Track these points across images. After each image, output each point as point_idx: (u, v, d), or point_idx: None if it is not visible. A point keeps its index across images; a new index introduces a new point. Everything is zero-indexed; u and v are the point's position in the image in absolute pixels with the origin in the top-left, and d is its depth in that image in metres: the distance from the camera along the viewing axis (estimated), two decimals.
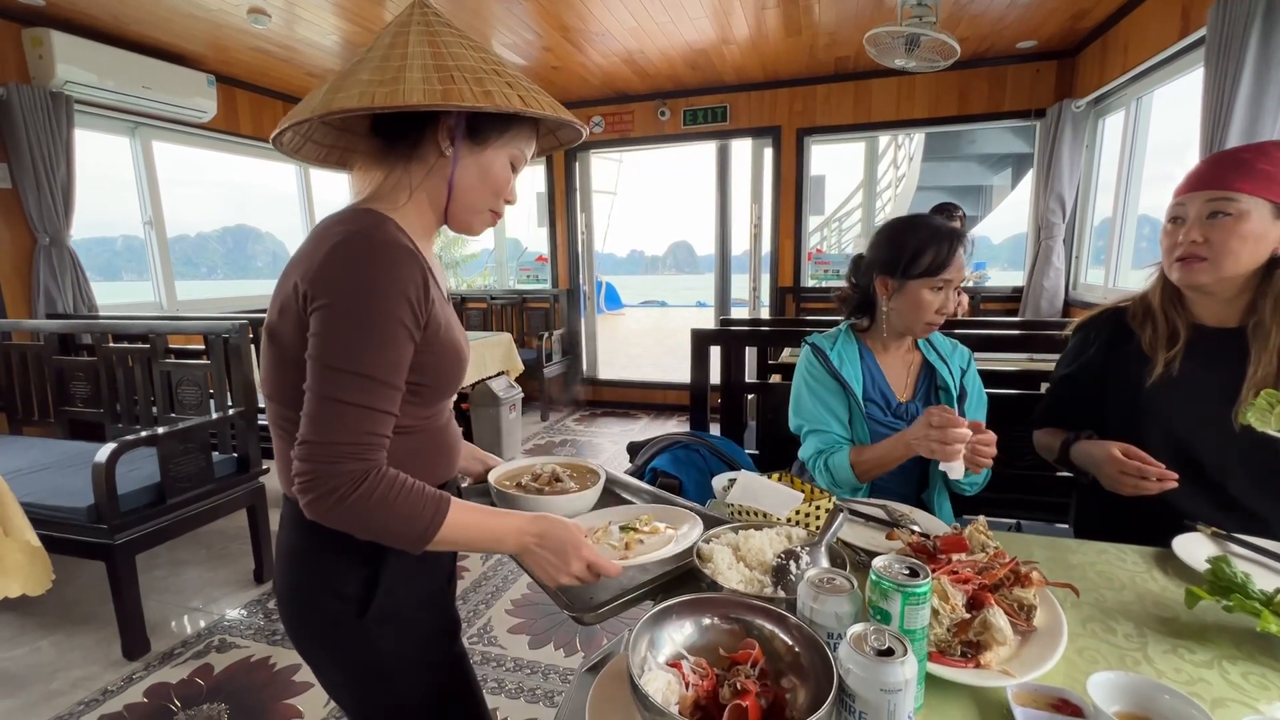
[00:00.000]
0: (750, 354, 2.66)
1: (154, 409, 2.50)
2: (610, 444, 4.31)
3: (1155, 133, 3.24)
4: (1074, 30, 3.52)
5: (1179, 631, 0.78)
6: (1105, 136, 3.74)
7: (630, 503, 1.12)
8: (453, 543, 0.76)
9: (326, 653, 0.86)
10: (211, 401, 2.38)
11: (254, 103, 4.21)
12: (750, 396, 2.01)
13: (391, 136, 0.81)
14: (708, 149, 5.07)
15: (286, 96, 4.44)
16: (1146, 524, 1.07)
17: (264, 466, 2.41)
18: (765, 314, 4.84)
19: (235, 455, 2.32)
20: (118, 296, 3.26)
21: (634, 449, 1.72)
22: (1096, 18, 3.31)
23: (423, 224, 0.83)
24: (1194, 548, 0.95)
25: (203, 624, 2.15)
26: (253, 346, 2.50)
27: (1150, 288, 1.22)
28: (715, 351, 1.93)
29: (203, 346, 2.60)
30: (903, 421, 1.31)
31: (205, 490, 2.16)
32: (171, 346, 2.84)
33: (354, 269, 0.70)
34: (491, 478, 1.10)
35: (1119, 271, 3.45)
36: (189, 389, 2.42)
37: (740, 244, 5.13)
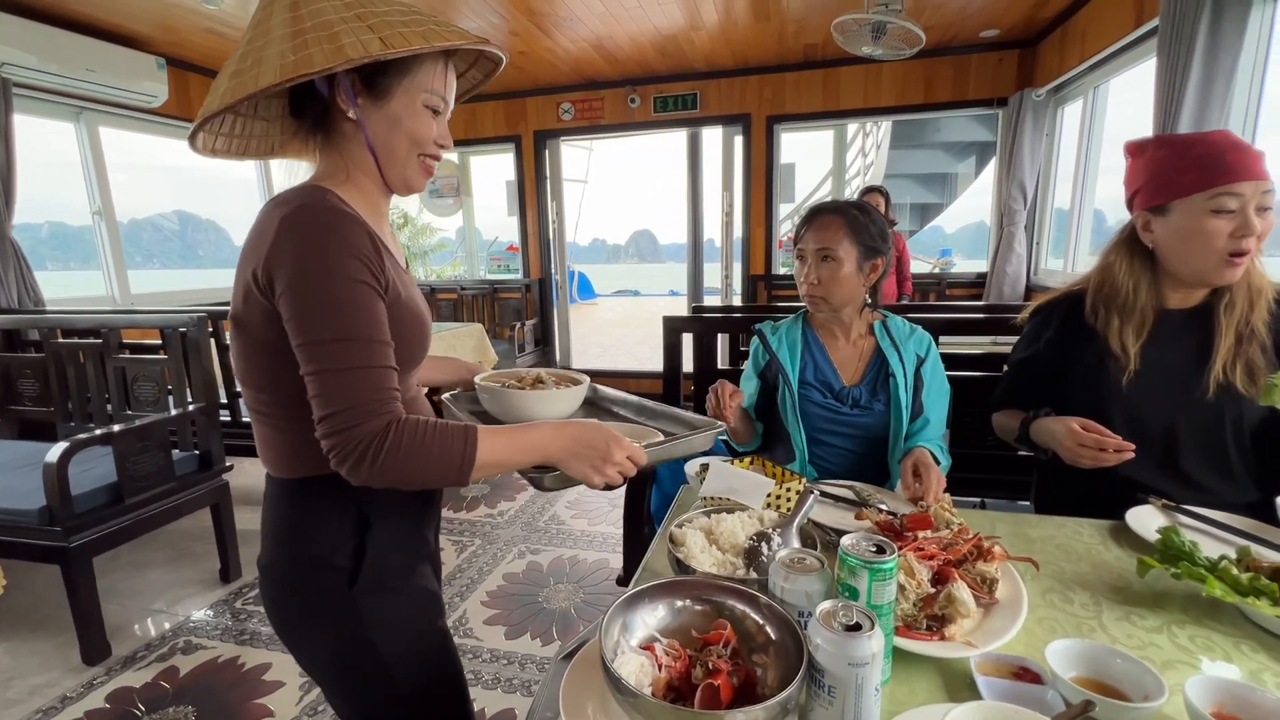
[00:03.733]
0: (723, 341, 2.68)
1: (109, 406, 2.41)
2: None
3: (1111, 122, 3.34)
4: (1035, 19, 3.59)
5: (1132, 599, 0.82)
6: (1064, 125, 3.83)
7: (617, 417, 1.13)
8: (494, 465, 0.75)
9: (316, 627, 0.83)
10: (170, 397, 2.30)
11: (209, 87, 4.05)
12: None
13: (302, 115, 0.79)
14: (676, 137, 5.05)
15: None
16: (1103, 498, 1.11)
17: (228, 463, 2.34)
18: (738, 301, 4.86)
19: (197, 452, 2.26)
20: (50, 289, 3.11)
21: None
22: (1056, 7, 3.38)
23: (367, 198, 0.81)
24: (1145, 519, 0.99)
25: (167, 626, 2.09)
26: (212, 340, 2.42)
27: (1115, 273, 1.19)
28: (688, 339, 1.94)
29: (159, 340, 2.51)
30: (843, 405, 1.35)
31: (165, 489, 2.09)
32: (126, 341, 2.73)
33: (304, 243, 0.69)
34: (477, 380, 1.08)
35: (1077, 258, 3.55)
36: (146, 385, 2.33)
37: (712, 232, 5.14)
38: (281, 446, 0.80)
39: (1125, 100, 3.24)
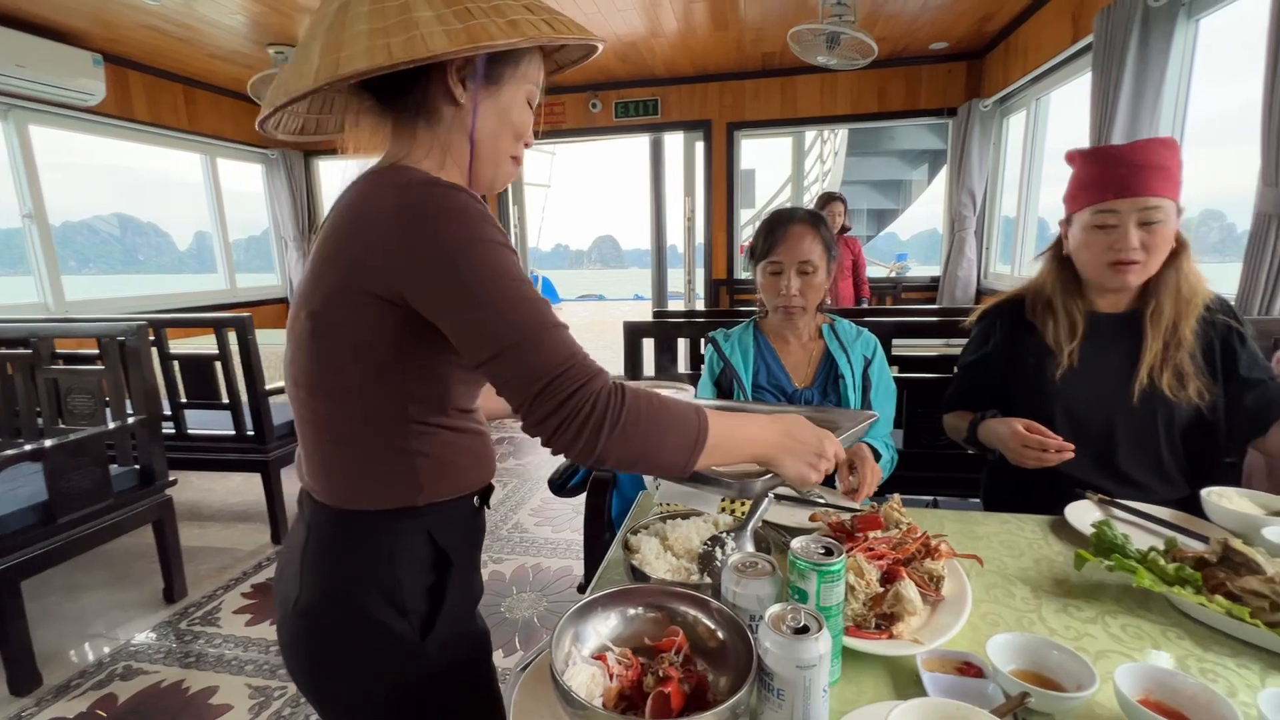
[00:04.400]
0: (684, 345, 2.69)
1: (39, 420, 2.28)
2: None
3: (1052, 133, 3.49)
4: (981, 33, 3.73)
5: (1069, 591, 0.85)
6: (1010, 135, 4.00)
7: None
8: (719, 449, 0.68)
9: (370, 681, 0.71)
10: (108, 410, 2.19)
11: (149, 85, 3.89)
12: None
13: (389, 91, 0.68)
14: (639, 142, 5.07)
15: (188, 80, 4.13)
16: (1047, 495, 1.15)
17: (171, 478, 2.24)
18: (701, 306, 4.90)
19: (137, 467, 2.15)
20: None
21: None
22: (1000, 21, 3.52)
23: None
24: (1083, 514, 1.04)
25: (106, 651, 1.98)
26: (154, 349, 2.32)
27: (1045, 280, 1.26)
28: (649, 344, 1.94)
29: (96, 350, 2.39)
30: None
31: (102, 507, 1.98)
32: (60, 351, 2.59)
33: (445, 218, 0.61)
34: None
35: (1023, 262, 3.70)
36: (80, 397, 2.21)
37: (675, 237, 5.17)
38: (351, 471, 0.69)
39: (1065, 112, 3.40)
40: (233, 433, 2.56)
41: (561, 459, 1.52)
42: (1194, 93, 2.29)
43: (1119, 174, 1.11)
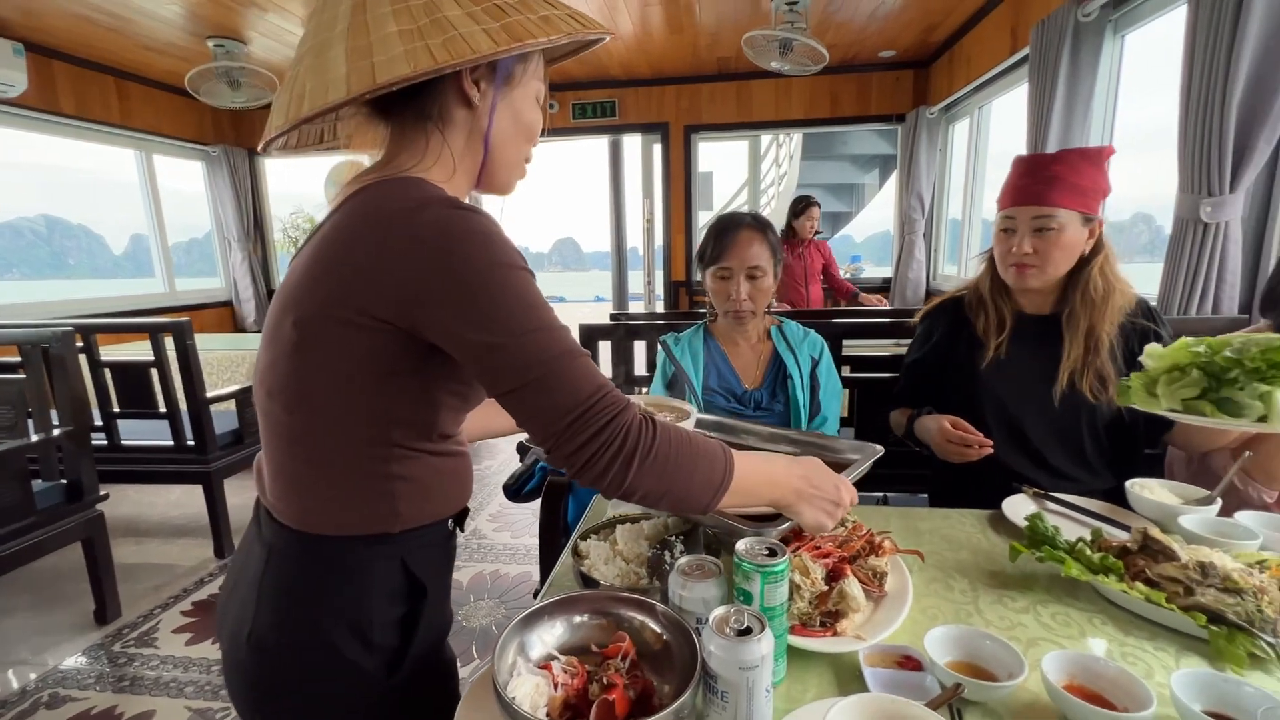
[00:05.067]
0: (640, 347, 2.69)
1: None
2: (508, 444, 4.21)
3: (994, 140, 3.64)
4: (926, 43, 3.86)
5: (1004, 583, 0.88)
6: (955, 141, 4.15)
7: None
8: (742, 491, 0.67)
9: (327, 716, 0.67)
10: (30, 422, 2.06)
11: (76, 77, 3.68)
12: (643, 390, 2.03)
13: (397, 97, 0.64)
14: (598, 144, 5.07)
15: (120, 72, 3.92)
16: (987, 489, 1.20)
17: (103, 492, 2.12)
18: (660, 308, 4.92)
19: (63, 481, 2.03)
20: None
21: (523, 449, 1.68)
22: (945, 32, 3.65)
23: (461, 197, 0.69)
24: (1019, 507, 1.08)
25: (31, 677, 1.86)
26: (83, 356, 2.19)
27: (980, 279, 1.35)
28: (606, 347, 1.94)
29: (17, 359, 2.24)
30: (746, 408, 1.40)
31: (24, 525, 1.87)
32: None
33: (463, 240, 0.58)
34: None
35: (969, 263, 3.84)
36: None
37: (635, 239, 5.18)
38: (324, 493, 0.65)
39: (1006, 120, 3.54)
40: (171, 443, 2.44)
41: (516, 464, 1.50)
42: (1123, 103, 2.41)
43: (1023, 183, 1.21)
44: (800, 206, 3.88)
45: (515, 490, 1.60)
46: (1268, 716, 0.51)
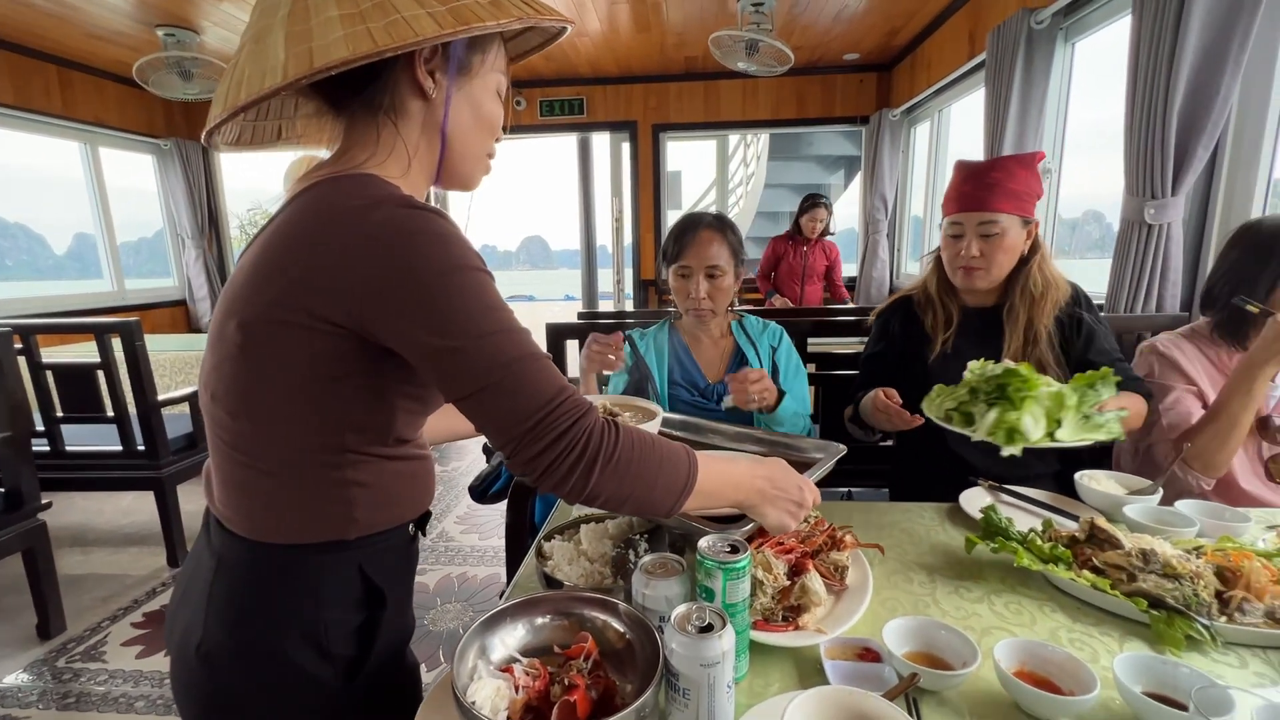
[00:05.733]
0: None
1: None
2: (476, 445, 4.16)
3: (954, 142, 3.73)
4: (889, 47, 3.94)
5: (960, 574, 0.91)
6: (917, 143, 4.24)
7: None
8: (704, 493, 0.67)
9: None
10: None
11: (14, 65, 3.50)
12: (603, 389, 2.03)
13: (346, 89, 0.62)
14: (567, 142, 5.04)
15: (63, 61, 3.75)
16: (946, 482, 1.23)
17: (45, 501, 2.02)
18: (630, 306, 4.92)
19: (1, 490, 1.93)
20: None
21: (489, 450, 1.67)
22: (906, 36, 3.73)
23: (418, 193, 0.68)
24: (974, 500, 1.11)
25: None
26: (22, 359, 2.09)
27: (928, 278, 1.41)
28: (573, 345, 1.93)
29: None
30: (709, 401, 1.43)
31: None
32: None
33: (420, 241, 0.56)
34: None
35: (927, 263, 3.93)
36: None
37: (604, 238, 5.17)
38: (275, 501, 0.63)
39: (964, 123, 3.64)
40: (120, 448, 2.34)
41: (481, 464, 1.47)
42: (1075, 105, 2.51)
43: (967, 190, 1.27)
44: (806, 205, 3.84)
45: (481, 492, 1.58)
46: (1200, 695, 0.54)
